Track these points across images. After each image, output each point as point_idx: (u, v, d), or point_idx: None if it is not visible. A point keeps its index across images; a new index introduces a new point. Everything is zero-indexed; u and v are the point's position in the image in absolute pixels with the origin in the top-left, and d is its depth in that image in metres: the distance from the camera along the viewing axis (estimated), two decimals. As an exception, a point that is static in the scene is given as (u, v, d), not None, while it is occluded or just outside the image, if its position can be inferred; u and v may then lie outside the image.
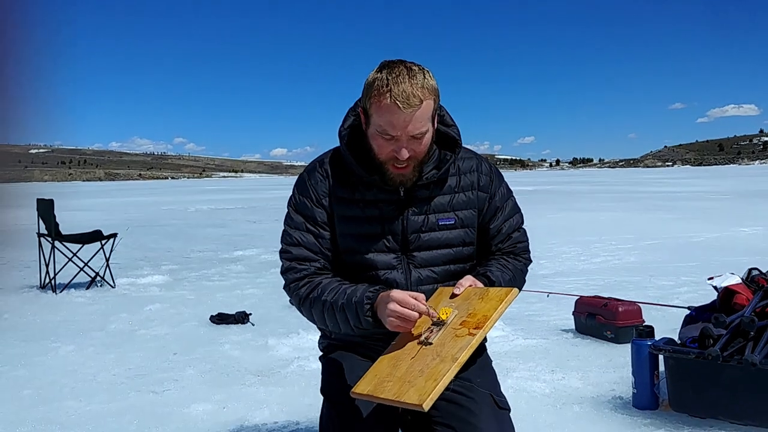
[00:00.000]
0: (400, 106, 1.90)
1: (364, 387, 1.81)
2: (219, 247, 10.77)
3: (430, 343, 1.79)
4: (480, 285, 2.04)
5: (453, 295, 1.98)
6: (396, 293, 1.90)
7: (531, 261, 2.33)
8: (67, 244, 7.01)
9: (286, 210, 2.22)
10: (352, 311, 1.97)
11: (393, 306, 1.88)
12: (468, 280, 2.04)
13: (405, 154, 1.99)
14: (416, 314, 1.87)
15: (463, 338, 1.74)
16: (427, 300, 1.98)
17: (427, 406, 1.58)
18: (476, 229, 2.22)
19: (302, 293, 2.09)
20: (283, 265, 2.17)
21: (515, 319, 4.83)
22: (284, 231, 2.19)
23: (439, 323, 1.85)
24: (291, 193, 2.23)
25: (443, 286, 2.03)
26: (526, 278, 2.28)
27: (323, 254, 2.14)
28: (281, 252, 2.18)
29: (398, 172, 2.04)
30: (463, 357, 1.68)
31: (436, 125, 2.11)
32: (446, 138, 2.19)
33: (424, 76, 1.95)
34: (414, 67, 1.97)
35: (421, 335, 1.86)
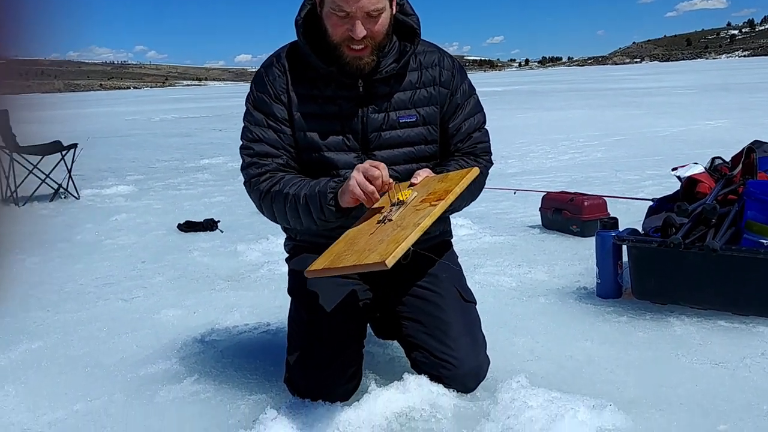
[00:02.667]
0: None
1: (319, 264, 1.79)
2: (185, 156, 10.63)
3: (390, 220, 1.78)
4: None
5: (411, 185, 1.96)
6: (359, 165, 1.88)
7: (492, 163, 2.29)
8: (27, 156, 6.84)
9: (245, 107, 2.15)
10: (315, 202, 1.93)
11: (355, 173, 1.84)
12: (425, 171, 2.01)
13: (360, 30, 1.91)
14: (379, 173, 1.83)
15: (425, 209, 1.72)
16: (383, 196, 1.95)
17: (390, 263, 1.55)
18: (438, 127, 2.17)
19: (263, 188, 2.04)
20: (244, 161, 2.12)
21: (483, 218, 4.86)
22: (244, 127, 2.14)
23: (398, 204, 1.83)
24: (249, 90, 2.17)
25: (399, 183, 1.99)
26: (487, 181, 2.26)
27: (286, 150, 2.09)
28: (242, 148, 2.12)
29: (354, 55, 1.97)
30: (426, 222, 1.65)
31: (395, 10, 2.03)
32: (405, 29, 2.12)
33: None
34: None
35: (379, 217, 1.84)
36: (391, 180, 1.87)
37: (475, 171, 1.88)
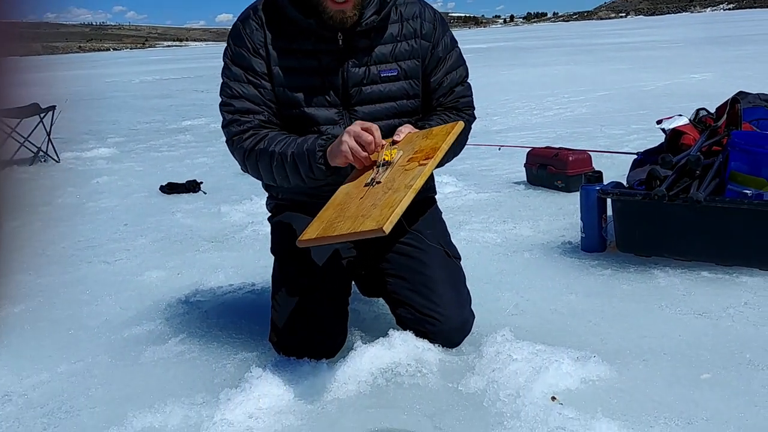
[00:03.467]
0: None
1: (311, 232, 1.77)
2: (166, 118, 10.51)
3: (379, 182, 1.75)
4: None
5: (394, 143, 1.93)
6: (350, 127, 1.85)
7: (475, 117, 2.26)
8: (4, 119, 6.72)
9: (223, 62, 2.11)
10: (303, 160, 1.90)
11: (346, 137, 1.82)
12: (407, 128, 1.99)
13: None
14: (371, 138, 1.81)
15: (414, 169, 1.70)
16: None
17: (387, 229, 1.54)
18: (420, 81, 2.14)
19: (247, 146, 2.01)
20: (224, 119, 2.08)
21: (467, 175, 4.84)
22: (223, 83, 2.09)
23: (385, 164, 1.81)
24: (226, 45, 2.11)
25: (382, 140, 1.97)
26: (471, 136, 2.23)
27: (267, 105, 2.05)
28: (221, 105, 2.08)
29: (337, 8, 1.93)
30: (418, 183, 1.64)
31: None
32: (386, -20, 2.07)
33: None
34: None
35: (367, 180, 1.82)
36: (383, 142, 1.84)
37: (460, 125, 1.85)
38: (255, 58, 2.03)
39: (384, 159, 1.81)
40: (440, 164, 2.08)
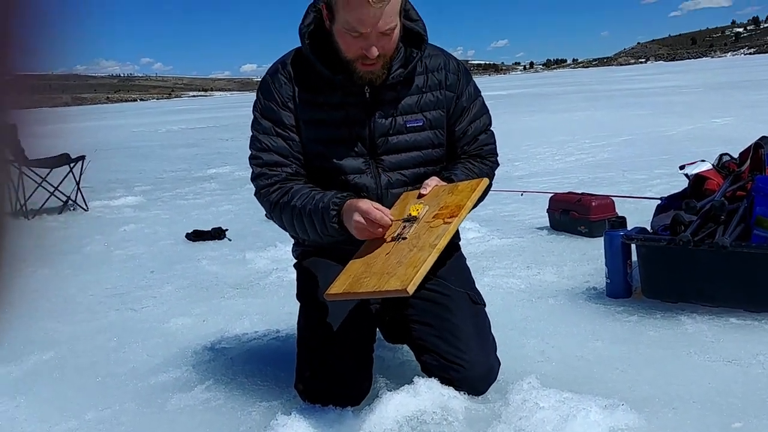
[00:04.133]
0: (370, 0, 1.82)
1: (338, 287, 1.80)
2: (192, 166, 10.66)
3: (405, 238, 1.78)
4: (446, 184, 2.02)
5: (420, 196, 1.96)
6: (362, 204, 1.88)
7: (498, 164, 2.30)
8: (35, 169, 6.88)
9: (252, 116, 2.16)
10: (318, 217, 1.94)
11: (357, 217, 1.86)
12: (433, 180, 2.02)
13: (375, 52, 1.93)
14: (386, 220, 1.85)
15: (439, 227, 1.72)
16: (392, 205, 1.97)
17: (411, 290, 1.58)
18: (445, 130, 2.18)
19: (273, 199, 2.05)
20: (253, 172, 2.12)
21: (490, 220, 4.85)
22: (252, 137, 2.14)
23: (410, 219, 1.84)
24: (255, 98, 2.17)
25: (408, 191, 2.01)
26: (494, 182, 2.25)
27: (294, 158, 2.09)
28: (251, 158, 2.13)
29: (367, 70, 1.98)
30: (442, 243, 1.67)
31: (401, 20, 2.04)
32: (411, 34, 2.12)
33: None
34: None
35: (393, 234, 1.85)
36: (391, 221, 1.87)
37: (485, 182, 1.89)
38: (284, 111, 2.08)
39: (410, 214, 1.84)
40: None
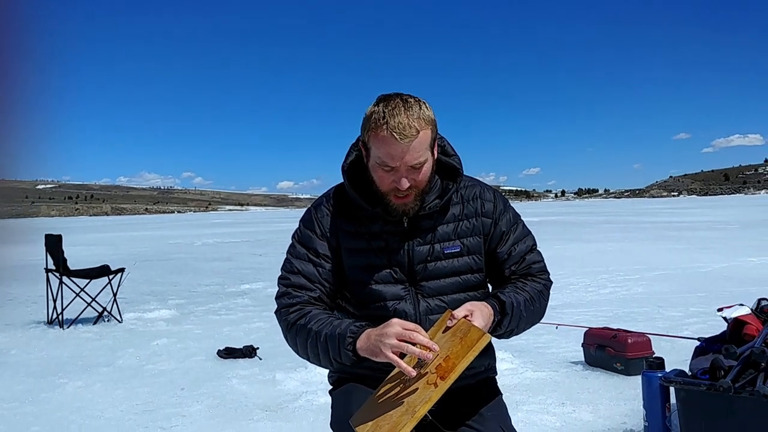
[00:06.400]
0: (397, 137, 1.93)
1: (355, 422, 1.85)
2: (225, 281, 10.77)
3: (408, 384, 1.81)
4: (477, 316, 2.01)
5: (446, 329, 1.96)
6: (395, 321, 1.89)
7: (551, 282, 2.29)
8: (75, 279, 7.02)
9: (291, 241, 2.23)
10: (334, 343, 1.96)
11: (398, 329, 1.85)
12: (463, 310, 2.01)
13: (405, 184, 2.02)
14: (418, 338, 1.84)
15: (428, 388, 1.74)
16: (434, 322, 1.97)
17: None
18: (483, 255, 2.22)
19: (291, 319, 2.08)
20: (278, 291, 2.17)
21: (524, 352, 4.80)
22: (286, 259, 2.21)
23: (420, 364, 1.85)
24: (297, 227, 2.25)
25: (451, 309, 2.01)
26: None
27: (321, 284, 2.14)
28: (280, 278, 2.18)
29: (400, 202, 2.06)
30: (420, 412, 1.69)
31: (436, 155, 2.13)
32: (448, 168, 2.21)
33: (420, 107, 1.98)
34: (410, 99, 2.01)
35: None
36: (425, 340, 1.88)
37: (486, 338, 1.85)
38: (320, 241, 2.15)
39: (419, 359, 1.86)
40: (518, 331, 2.11)
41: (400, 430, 1.65)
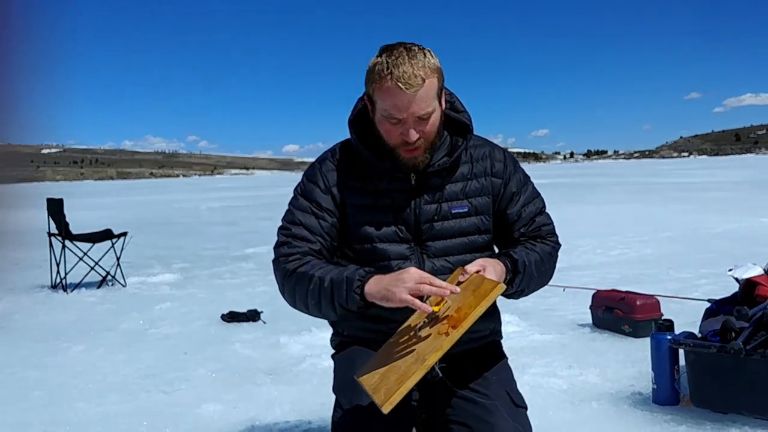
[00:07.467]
0: (402, 87, 1.85)
1: (360, 375, 1.82)
2: (230, 245, 10.75)
3: (419, 336, 1.76)
4: (490, 272, 1.95)
5: (459, 284, 1.90)
6: (413, 269, 1.83)
7: (560, 245, 2.24)
8: (78, 243, 6.99)
9: (293, 194, 2.16)
10: (340, 287, 1.89)
11: (415, 275, 1.78)
12: (475, 265, 1.95)
13: (414, 135, 1.94)
14: (436, 282, 1.78)
15: (439, 338, 1.69)
16: (447, 279, 1.90)
17: (386, 410, 1.58)
18: (491, 216, 2.15)
19: (290, 267, 2.01)
20: (278, 240, 2.10)
21: (531, 314, 4.75)
22: (287, 210, 2.14)
23: (432, 318, 1.80)
24: (300, 181, 2.17)
25: (462, 267, 1.94)
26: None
27: (322, 237, 2.08)
28: (280, 228, 2.11)
29: (410, 156, 1.99)
30: (431, 360, 1.64)
31: (444, 106, 2.05)
32: (457, 125, 2.13)
33: (425, 56, 1.90)
34: (414, 48, 1.92)
35: (418, 325, 1.82)
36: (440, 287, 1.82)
37: (500, 288, 1.80)
38: (324, 195, 2.08)
39: (433, 311, 1.80)
40: (525, 291, 2.06)
41: (409, 378, 1.59)
